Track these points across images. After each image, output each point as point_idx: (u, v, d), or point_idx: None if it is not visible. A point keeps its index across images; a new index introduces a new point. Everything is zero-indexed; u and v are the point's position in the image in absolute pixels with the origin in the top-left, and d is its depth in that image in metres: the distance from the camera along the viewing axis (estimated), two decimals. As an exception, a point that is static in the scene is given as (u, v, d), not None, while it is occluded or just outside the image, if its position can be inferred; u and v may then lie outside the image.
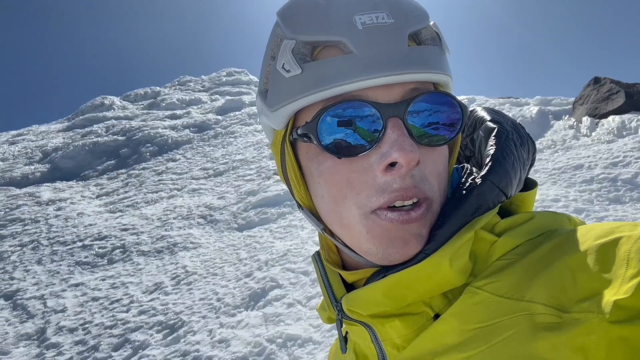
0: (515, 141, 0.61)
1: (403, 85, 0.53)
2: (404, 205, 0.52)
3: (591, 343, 0.38)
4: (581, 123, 8.86)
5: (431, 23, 0.57)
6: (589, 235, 0.46)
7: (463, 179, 0.59)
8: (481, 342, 0.46)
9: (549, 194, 5.95)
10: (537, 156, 7.95)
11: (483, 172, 0.56)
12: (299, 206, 0.65)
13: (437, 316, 0.53)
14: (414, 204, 0.52)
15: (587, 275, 0.42)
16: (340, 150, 0.52)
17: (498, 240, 0.52)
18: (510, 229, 0.53)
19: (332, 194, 0.55)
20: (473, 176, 0.57)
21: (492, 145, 0.60)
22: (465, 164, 0.64)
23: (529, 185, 0.63)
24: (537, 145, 8.50)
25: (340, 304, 0.59)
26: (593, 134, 8.28)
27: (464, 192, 0.55)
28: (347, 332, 0.68)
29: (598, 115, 8.76)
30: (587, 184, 6.05)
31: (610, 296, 0.39)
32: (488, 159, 0.58)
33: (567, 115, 9.74)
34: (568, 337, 0.39)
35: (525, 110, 10.43)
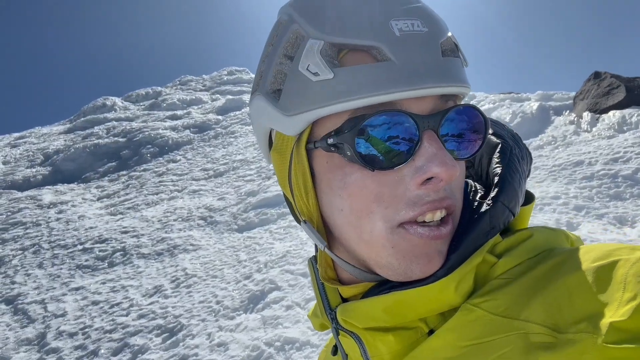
0: (518, 156, 0.60)
1: (433, 97, 0.51)
2: (432, 220, 0.51)
3: None
4: (582, 118, 8.80)
5: (449, 34, 0.54)
6: (587, 257, 0.46)
7: (470, 197, 0.58)
8: (475, 358, 0.46)
9: (549, 191, 5.91)
10: (538, 152, 7.91)
11: (493, 194, 0.55)
12: (297, 219, 0.63)
13: (431, 332, 0.52)
14: (442, 220, 0.51)
15: (584, 297, 0.42)
16: (373, 162, 0.50)
17: (498, 262, 0.51)
18: (509, 249, 0.53)
19: (355, 207, 0.52)
20: (480, 194, 0.57)
21: (497, 163, 0.59)
22: (469, 181, 0.63)
23: (527, 198, 0.62)
24: (538, 142, 8.46)
25: (335, 312, 0.59)
26: (594, 129, 8.22)
27: (476, 215, 0.54)
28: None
29: (599, 110, 8.69)
30: (588, 180, 6.00)
31: (606, 318, 0.39)
32: (497, 179, 0.57)
33: (568, 111, 9.67)
34: (562, 356, 0.40)
35: (525, 106, 10.37)
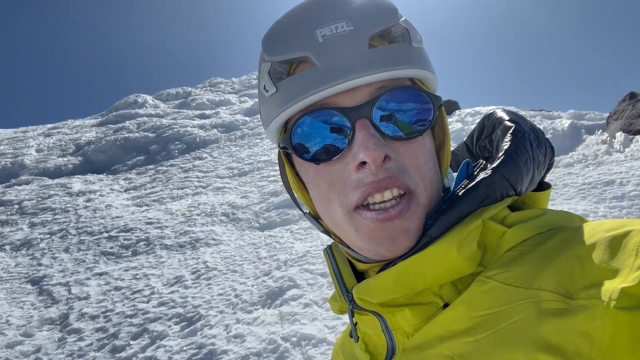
0: (532, 141, 0.61)
1: (369, 86, 0.56)
2: (383, 202, 0.54)
3: (596, 328, 0.38)
4: (614, 138, 8.61)
5: (402, 19, 0.59)
6: (599, 229, 0.47)
7: (476, 172, 0.60)
8: (488, 327, 0.47)
9: (577, 209, 5.79)
10: (567, 170, 7.75)
11: (494, 165, 0.57)
12: (302, 212, 0.71)
13: (446, 306, 0.54)
14: (395, 201, 0.54)
15: (595, 264, 0.42)
16: (317, 156, 0.56)
17: (508, 231, 0.53)
18: (520, 222, 0.54)
19: (321, 197, 0.59)
20: (485, 169, 0.59)
21: (507, 142, 0.60)
22: (481, 160, 0.65)
23: (543, 187, 0.63)
24: (568, 159, 8.30)
25: (351, 294, 0.61)
26: (627, 150, 8.03)
27: (474, 182, 0.56)
28: (356, 323, 0.69)
29: (633, 131, 8.49)
30: (618, 200, 5.86)
31: (617, 284, 0.39)
32: (501, 153, 0.59)
33: (600, 130, 9.47)
34: (574, 322, 0.40)
35: (557, 123, 10.19)
